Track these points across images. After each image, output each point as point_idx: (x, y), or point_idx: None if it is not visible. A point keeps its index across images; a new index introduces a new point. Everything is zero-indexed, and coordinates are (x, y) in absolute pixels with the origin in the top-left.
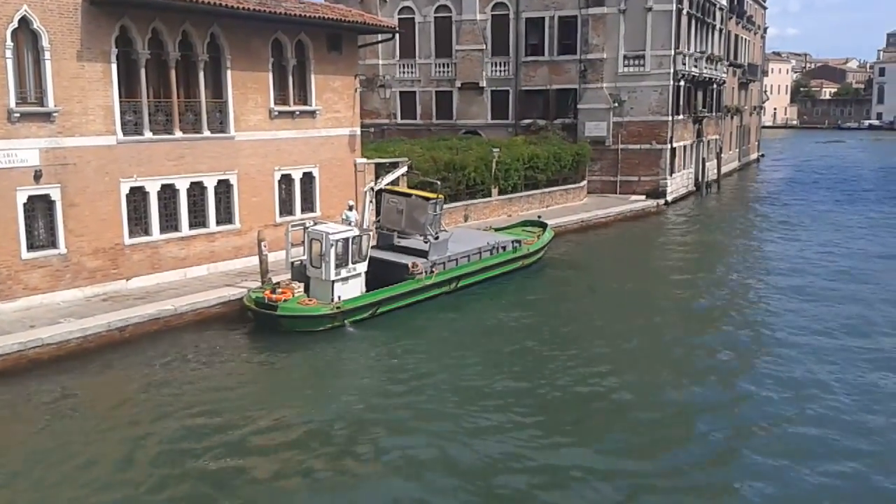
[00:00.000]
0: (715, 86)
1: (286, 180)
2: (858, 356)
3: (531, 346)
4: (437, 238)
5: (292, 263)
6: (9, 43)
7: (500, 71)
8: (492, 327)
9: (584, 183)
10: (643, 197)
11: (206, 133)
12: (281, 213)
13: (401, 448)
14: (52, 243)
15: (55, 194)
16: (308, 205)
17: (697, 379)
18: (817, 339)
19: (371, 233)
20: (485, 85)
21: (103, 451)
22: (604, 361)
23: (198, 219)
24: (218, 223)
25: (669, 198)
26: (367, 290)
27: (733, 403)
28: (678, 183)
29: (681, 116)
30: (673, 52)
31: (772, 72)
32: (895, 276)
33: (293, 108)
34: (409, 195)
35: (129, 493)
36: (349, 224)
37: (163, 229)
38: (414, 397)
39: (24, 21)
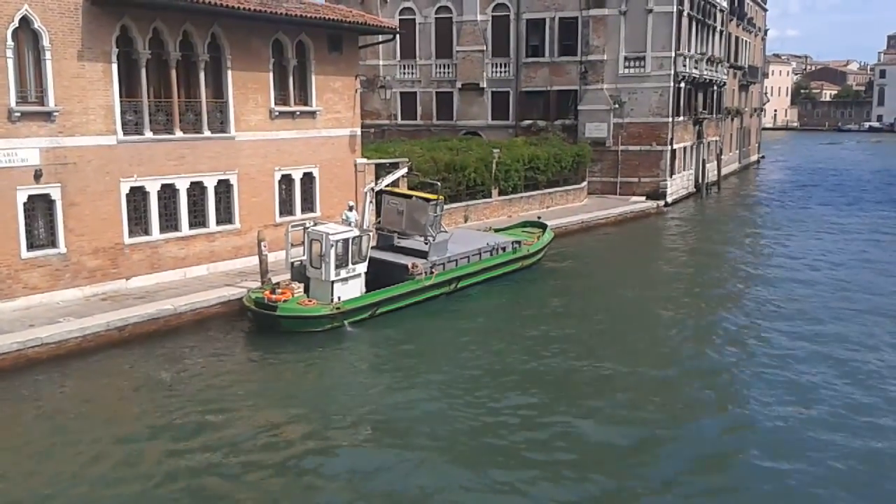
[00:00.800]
0: (715, 87)
1: (286, 180)
2: (856, 358)
3: (531, 346)
4: (436, 239)
5: (292, 264)
6: (9, 42)
7: (501, 72)
8: (491, 328)
9: (584, 184)
10: (643, 198)
11: (207, 133)
12: (281, 214)
13: (399, 450)
14: (52, 243)
15: (55, 194)
16: (308, 205)
17: (703, 381)
18: (815, 332)
19: (371, 233)
20: (485, 86)
21: (102, 450)
22: (605, 362)
23: (198, 219)
24: (218, 223)
25: (669, 199)
26: (366, 291)
27: (741, 406)
28: (678, 184)
29: (681, 118)
30: (673, 54)
31: (772, 74)
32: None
33: (294, 108)
34: (409, 196)
35: (127, 493)
36: (349, 224)
37: (163, 229)
38: (413, 398)
39: (24, 21)
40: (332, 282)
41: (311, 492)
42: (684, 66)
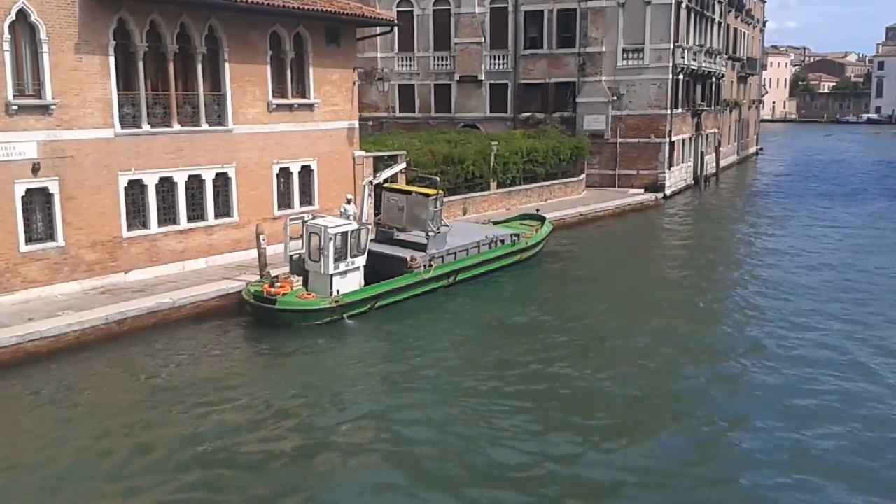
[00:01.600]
0: (714, 79)
1: (284, 173)
2: (853, 343)
3: (529, 339)
4: (438, 232)
5: (291, 257)
6: (6, 35)
7: (499, 64)
8: (490, 321)
9: (582, 176)
10: (641, 190)
11: (205, 126)
12: (279, 207)
13: (399, 442)
14: (51, 236)
15: (53, 187)
16: (306, 198)
17: (698, 374)
18: (815, 322)
19: (370, 226)
20: (483, 78)
21: (101, 444)
22: (605, 354)
23: (196, 212)
24: (216, 216)
25: (668, 191)
26: (365, 284)
27: (736, 395)
28: (676, 176)
29: (679, 110)
30: (672, 46)
31: (770, 65)
32: (889, 269)
33: (291, 101)
34: (409, 192)
35: (127, 486)
36: (348, 217)
37: (161, 222)
38: (412, 391)
39: (21, 13)
40: (331, 275)
41: (306, 484)
42: (682, 57)
